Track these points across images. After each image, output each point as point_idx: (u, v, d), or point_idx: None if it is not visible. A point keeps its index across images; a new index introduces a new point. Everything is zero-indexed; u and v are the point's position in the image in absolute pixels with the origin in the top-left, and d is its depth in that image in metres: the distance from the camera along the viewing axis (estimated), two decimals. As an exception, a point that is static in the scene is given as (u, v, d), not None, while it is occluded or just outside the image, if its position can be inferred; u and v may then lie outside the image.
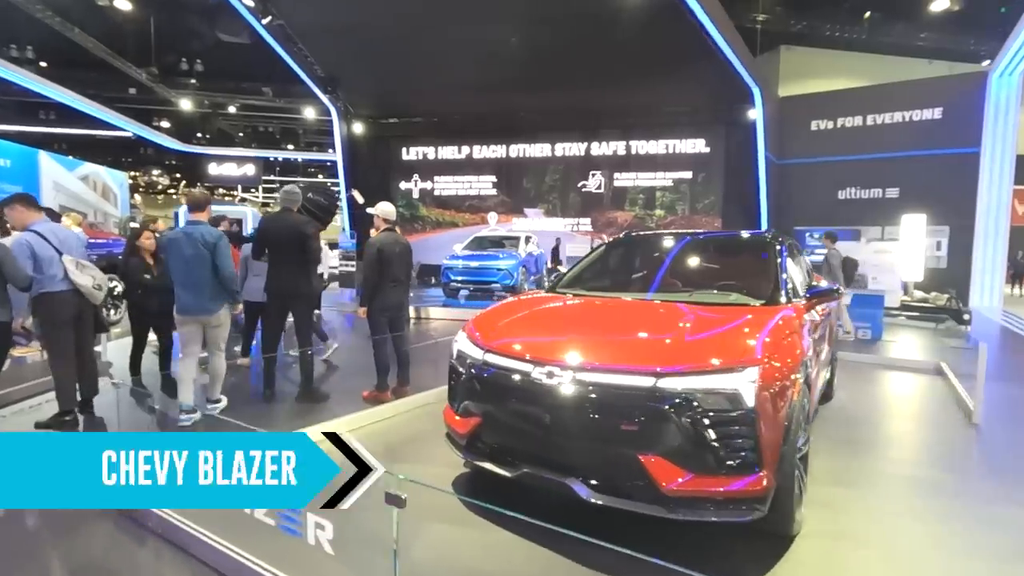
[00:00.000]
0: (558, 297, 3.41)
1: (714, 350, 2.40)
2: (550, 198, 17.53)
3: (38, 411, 4.42)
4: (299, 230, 4.50)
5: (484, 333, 2.88)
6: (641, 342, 2.54)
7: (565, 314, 3.08)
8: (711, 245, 3.99)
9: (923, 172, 13.88)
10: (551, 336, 2.75)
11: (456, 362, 2.96)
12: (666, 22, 11.86)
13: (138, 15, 16.77)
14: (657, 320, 2.81)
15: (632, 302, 3.13)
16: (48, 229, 3.88)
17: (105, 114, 19.32)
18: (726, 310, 2.91)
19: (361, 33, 13.04)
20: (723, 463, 2.19)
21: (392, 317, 4.73)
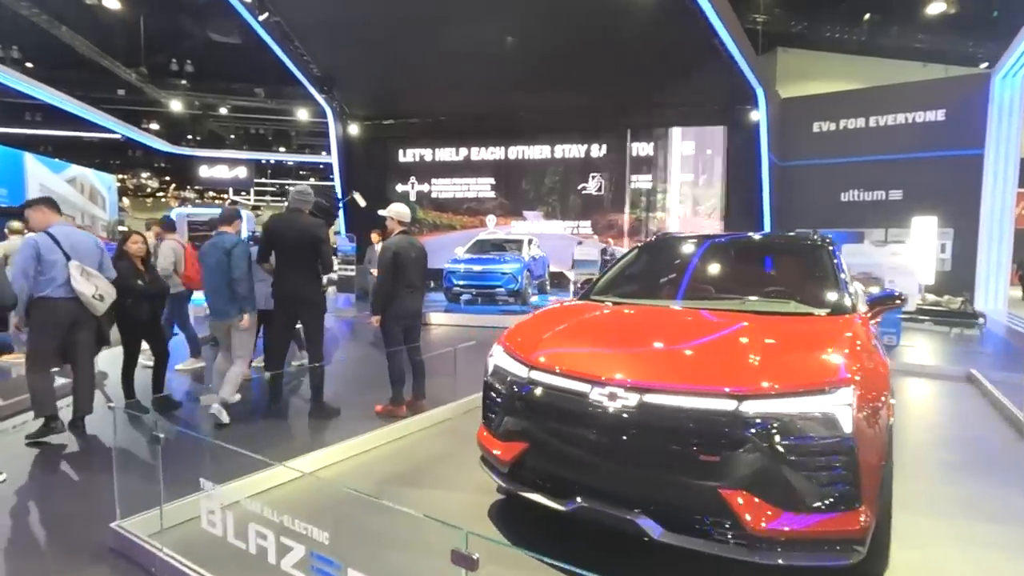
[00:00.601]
0: (596, 305, 3.13)
1: (799, 368, 2.13)
2: (550, 200, 17.28)
3: (24, 430, 4.07)
4: (311, 233, 4.21)
5: (526, 347, 2.59)
6: (713, 359, 2.27)
7: (615, 325, 2.79)
8: (755, 248, 3.72)
9: (927, 174, 13.82)
10: (607, 351, 2.47)
11: (493, 379, 2.67)
12: (669, 22, 11.69)
13: (127, 14, 16.37)
14: (721, 333, 2.53)
15: (685, 311, 2.85)
16: (63, 232, 3.82)
17: (93, 115, 18.86)
18: (791, 321, 2.65)
19: (357, 32, 12.76)
20: (818, 498, 1.91)
21: (407, 326, 4.43)
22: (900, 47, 18.11)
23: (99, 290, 3.79)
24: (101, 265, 3.95)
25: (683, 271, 3.52)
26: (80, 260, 3.77)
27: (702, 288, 3.31)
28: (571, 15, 12.25)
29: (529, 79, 13.98)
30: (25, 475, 3.31)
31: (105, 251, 4.06)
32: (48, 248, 3.69)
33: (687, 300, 3.11)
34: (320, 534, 1.67)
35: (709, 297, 3.16)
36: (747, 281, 3.36)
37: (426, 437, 3.97)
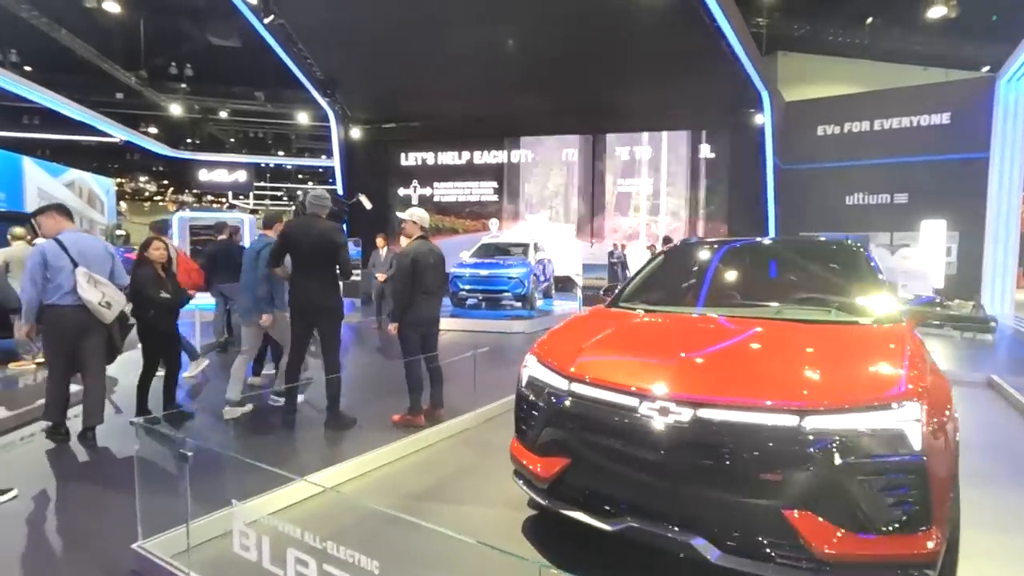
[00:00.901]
0: (628, 314, 3.03)
1: (862, 382, 2.04)
2: (553, 204, 17.21)
3: (32, 442, 3.96)
4: (329, 238, 4.11)
5: (564, 358, 2.49)
6: (769, 371, 2.17)
7: (656, 335, 2.69)
8: (785, 253, 3.63)
9: (932, 177, 13.80)
10: (652, 362, 2.36)
11: (527, 391, 2.57)
12: (676, 24, 11.65)
13: (127, 18, 16.27)
14: (771, 343, 2.44)
15: (724, 319, 2.75)
16: (72, 239, 3.76)
17: (92, 119, 18.72)
18: (839, 330, 2.56)
19: (360, 35, 12.69)
20: (887, 519, 1.82)
21: (424, 333, 4.32)
22: (900, 51, 18.12)
23: (106, 297, 3.72)
24: (112, 272, 3.88)
25: (713, 277, 3.43)
26: (89, 267, 3.71)
27: (734, 295, 3.22)
28: (574, 18, 12.20)
29: (531, 82, 13.93)
30: (37, 491, 3.19)
31: (116, 257, 3.99)
32: (55, 255, 3.65)
33: (720, 307, 3.02)
34: (369, 563, 1.56)
35: (742, 304, 3.07)
36: (780, 288, 3.27)
37: (448, 448, 3.85)
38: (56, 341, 3.74)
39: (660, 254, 3.86)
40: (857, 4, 17.34)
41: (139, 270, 4.24)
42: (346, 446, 3.79)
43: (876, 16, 17.74)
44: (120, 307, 3.83)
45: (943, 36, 17.45)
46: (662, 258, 3.77)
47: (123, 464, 3.52)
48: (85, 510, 2.97)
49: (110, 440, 3.87)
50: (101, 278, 3.74)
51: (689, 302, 3.21)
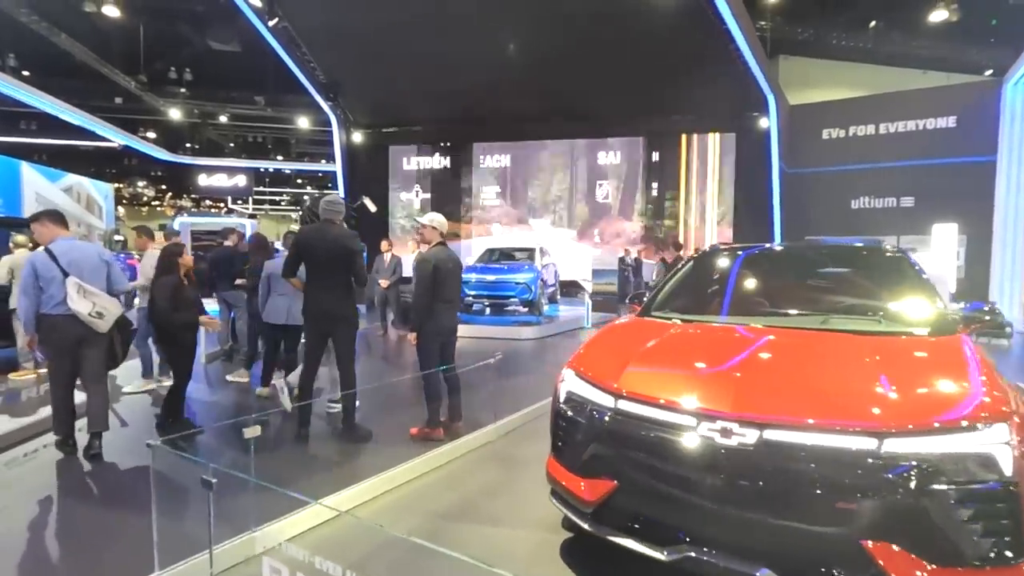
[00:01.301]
0: (665, 324, 2.88)
1: (943, 401, 1.89)
2: (556, 208, 17.09)
3: (35, 458, 3.79)
4: (344, 244, 3.95)
5: (606, 373, 2.34)
6: (838, 389, 2.02)
7: (703, 348, 2.54)
8: (823, 259, 3.48)
9: (938, 181, 13.71)
10: (707, 378, 2.22)
11: (566, 407, 2.42)
12: (680, 26, 11.56)
13: (126, 22, 16.15)
14: (829, 356, 2.29)
15: (769, 331, 2.60)
16: (62, 248, 3.66)
17: (90, 123, 18.57)
18: (895, 342, 2.41)
19: (363, 39, 12.57)
20: (976, 550, 1.67)
21: (444, 342, 4.17)
22: (902, 55, 18.10)
23: (96, 307, 3.60)
24: (110, 278, 3.79)
25: (748, 285, 3.29)
26: (81, 276, 3.60)
27: (773, 304, 3.08)
28: (577, 21, 12.09)
29: (534, 85, 13.82)
30: (41, 513, 3.03)
31: (113, 263, 3.87)
32: (45, 266, 3.57)
33: (760, 316, 2.88)
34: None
35: (783, 313, 2.93)
36: (820, 295, 3.13)
37: (470, 464, 3.69)
38: (54, 351, 3.68)
39: (689, 260, 3.72)
40: (859, 8, 17.33)
41: (164, 278, 4.06)
42: (365, 462, 3.62)
43: (878, 20, 17.73)
44: (114, 316, 3.71)
45: (945, 40, 17.44)
46: (691, 265, 3.62)
47: (133, 482, 3.36)
48: (95, 536, 2.80)
49: (118, 455, 3.71)
50: (92, 288, 3.63)
51: (728, 311, 3.06)
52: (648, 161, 16.32)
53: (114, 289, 3.80)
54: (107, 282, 3.76)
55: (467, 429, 4.16)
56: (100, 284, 3.70)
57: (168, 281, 4.07)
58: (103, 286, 3.72)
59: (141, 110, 22.62)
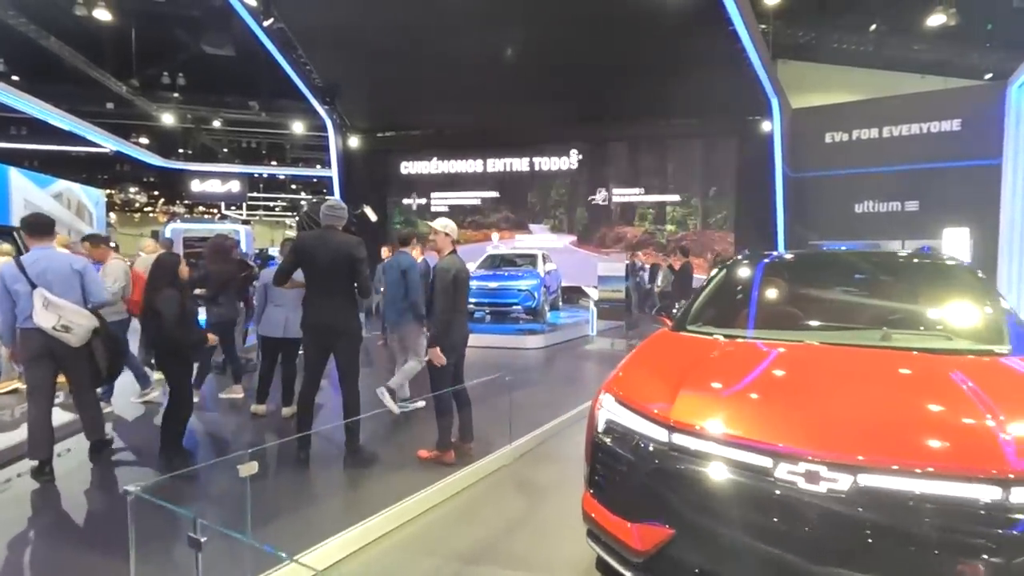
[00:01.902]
0: (711, 342, 2.58)
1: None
2: (556, 213, 16.84)
3: (6, 489, 3.46)
4: (347, 252, 3.66)
5: (653, 399, 2.06)
6: (940, 423, 1.74)
7: (764, 369, 2.26)
8: (873, 268, 3.19)
9: (943, 184, 13.59)
10: (777, 408, 1.93)
11: (606, 439, 2.13)
12: (687, 28, 11.36)
13: (118, 26, 15.85)
14: (914, 380, 2.01)
15: (836, 349, 2.33)
16: (33, 258, 3.53)
17: (82, 128, 18.21)
18: (979, 364, 2.14)
19: (360, 42, 12.31)
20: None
21: (458, 355, 3.89)
22: (900, 59, 18.01)
23: (62, 320, 3.42)
24: (85, 290, 3.61)
25: (791, 296, 3.01)
26: (50, 287, 3.44)
27: (822, 317, 2.80)
28: (577, 24, 11.87)
29: (533, 89, 13.59)
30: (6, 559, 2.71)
31: (87, 273, 3.67)
32: (12, 277, 3.45)
33: (811, 331, 2.60)
34: None
35: (835, 328, 2.65)
36: (873, 308, 2.86)
37: (487, 492, 3.39)
38: (27, 365, 3.56)
39: (721, 269, 3.43)
40: (858, 12, 17.23)
41: (169, 292, 3.68)
42: (373, 491, 3.32)
43: (878, 24, 17.64)
44: (86, 328, 3.52)
45: (944, 44, 17.37)
46: (725, 274, 3.34)
47: (113, 518, 3.04)
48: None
49: (99, 483, 3.39)
50: (60, 300, 3.45)
51: (777, 326, 2.78)
52: (648, 165, 16.10)
53: (91, 301, 3.62)
54: (82, 293, 3.57)
55: (479, 450, 3.86)
56: (74, 296, 3.52)
57: (174, 295, 3.73)
58: (77, 298, 3.53)
59: (133, 115, 22.30)
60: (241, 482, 2.15)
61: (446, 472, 3.48)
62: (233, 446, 4.13)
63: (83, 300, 3.56)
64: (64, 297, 3.45)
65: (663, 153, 15.98)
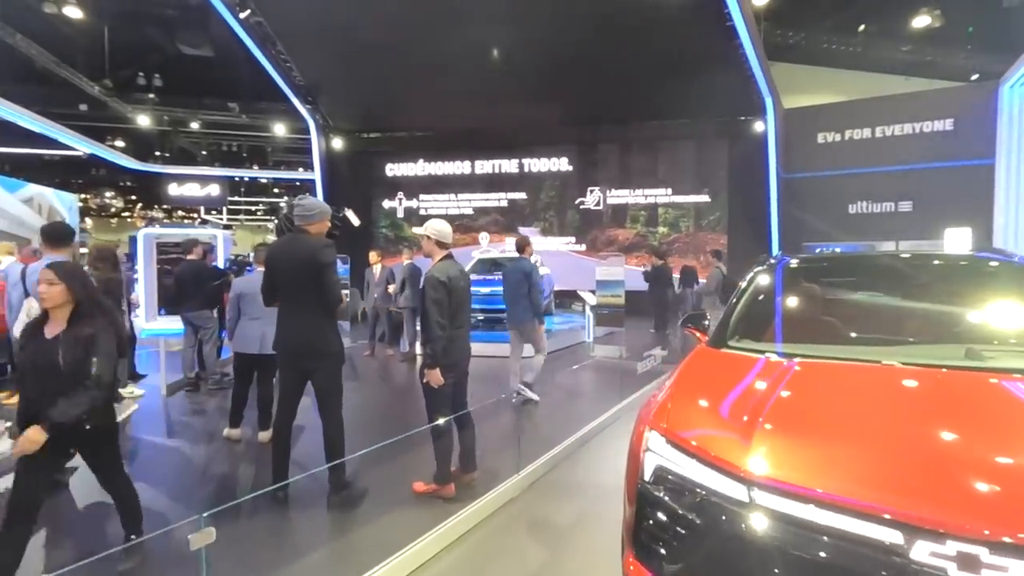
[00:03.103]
0: (773, 364, 2.15)
1: None
2: (546, 216, 16.47)
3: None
4: (313, 258, 3.11)
5: (719, 442, 1.64)
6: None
7: (858, 403, 1.82)
8: (935, 274, 2.79)
9: (937, 185, 13.52)
10: (898, 460, 1.50)
11: (658, 489, 1.70)
12: (679, 25, 11.06)
13: (90, 25, 15.19)
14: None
15: (937, 376, 1.92)
16: (34, 268, 3.59)
17: (52, 130, 17.45)
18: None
19: (343, 39, 11.81)
20: None
21: (459, 375, 3.42)
22: (887, 60, 17.99)
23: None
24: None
25: (850, 305, 2.62)
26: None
27: (893, 331, 2.41)
28: (568, 23, 11.50)
29: (523, 89, 13.22)
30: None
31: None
32: (12, 283, 3.76)
33: (887, 349, 2.20)
34: None
35: (909, 343, 2.27)
36: (945, 319, 2.47)
37: (495, 537, 2.93)
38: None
39: (756, 274, 3.03)
40: (845, 14, 17.16)
41: (30, 343, 2.44)
42: (363, 538, 2.84)
43: (867, 25, 17.60)
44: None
45: (931, 45, 17.37)
46: (764, 278, 2.92)
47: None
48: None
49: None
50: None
51: (835, 339, 2.38)
52: (640, 166, 15.82)
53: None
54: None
55: (482, 480, 3.41)
56: None
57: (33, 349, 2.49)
58: None
59: (107, 117, 21.52)
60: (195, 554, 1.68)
61: (446, 511, 3.03)
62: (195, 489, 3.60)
63: None
64: None
65: (654, 154, 15.74)
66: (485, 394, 4.35)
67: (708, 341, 2.58)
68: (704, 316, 2.98)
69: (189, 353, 6.17)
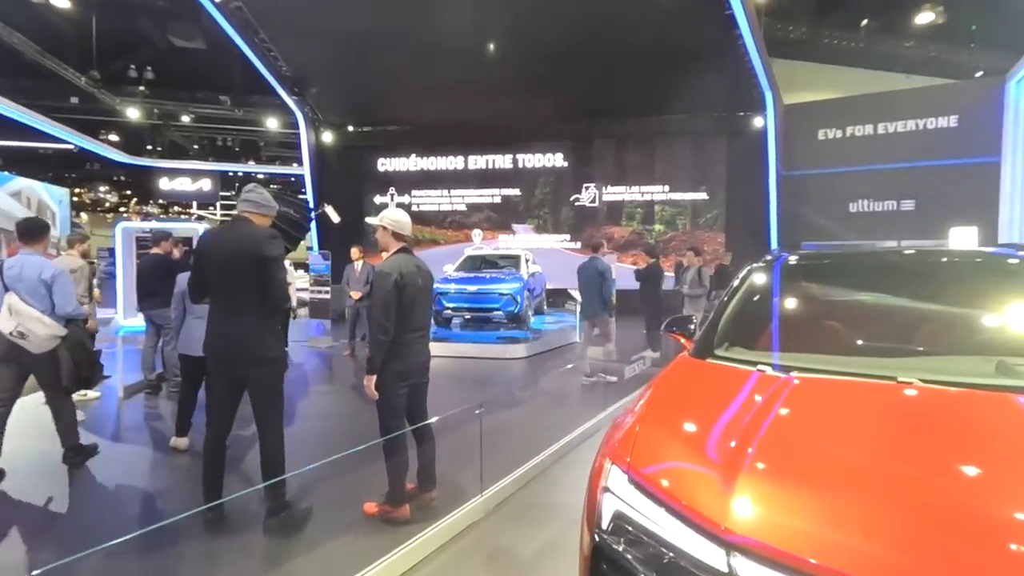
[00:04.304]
0: (764, 378, 1.80)
1: None
2: (540, 213, 16.11)
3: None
4: (255, 250, 2.73)
5: (694, 484, 1.28)
6: None
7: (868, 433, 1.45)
8: (956, 273, 2.40)
9: (940, 183, 13.20)
10: (921, 520, 1.14)
11: (613, 542, 1.34)
12: (677, 16, 10.70)
13: (78, 16, 14.85)
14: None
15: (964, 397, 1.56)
16: (14, 263, 3.59)
17: (41, 123, 17.07)
18: None
19: (331, 28, 11.41)
20: None
21: (414, 384, 3.05)
22: (890, 57, 17.65)
23: (19, 327, 3.46)
24: (52, 300, 3.59)
25: (856, 309, 2.26)
26: (21, 292, 3.51)
27: (908, 340, 2.06)
28: (564, 14, 11.11)
29: (517, 84, 12.84)
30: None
31: (57, 283, 3.60)
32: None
33: (901, 361, 1.85)
34: None
35: (927, 354, 1.91)
36: (969, 327, 2.11)
37: (456, 565, 2.57)
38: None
39: (748, 273, 2.66)
40: (846, 10, 16.83)
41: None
42: (299, 567, 2.48)
43: (869, 20, 17.27)
44: (42, 337, 3.50)
45: (933, 42, 17.04)
46: (758, 277, 2.55)
47: None
48: None
49: None
50: (23, 306, 3.49)
51: (841, 349, 2.01)
52: (636, 162, 15.46)
53: (56, 312, 3.58)
54: (51, 304, 3.58)
55: (443, 499, 3.05)
56: (42, 304, 3.55)
57: None
58: (46, 307, 3.56)
59: (98, 111, 21.15)
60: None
61: (399, 536, 2.67)
62: (112, 510, 3.23)
63: (51, 309, 3.56)
64: (32, 304, 3.50)
65: (651, 150, 15.40)
66: (464, 399, 3.99)
67: (691, 350, 2.22)
68: (690, 320, 2.61)
69: (149, 353, 5.81)
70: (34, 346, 3.50)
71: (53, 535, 2.94)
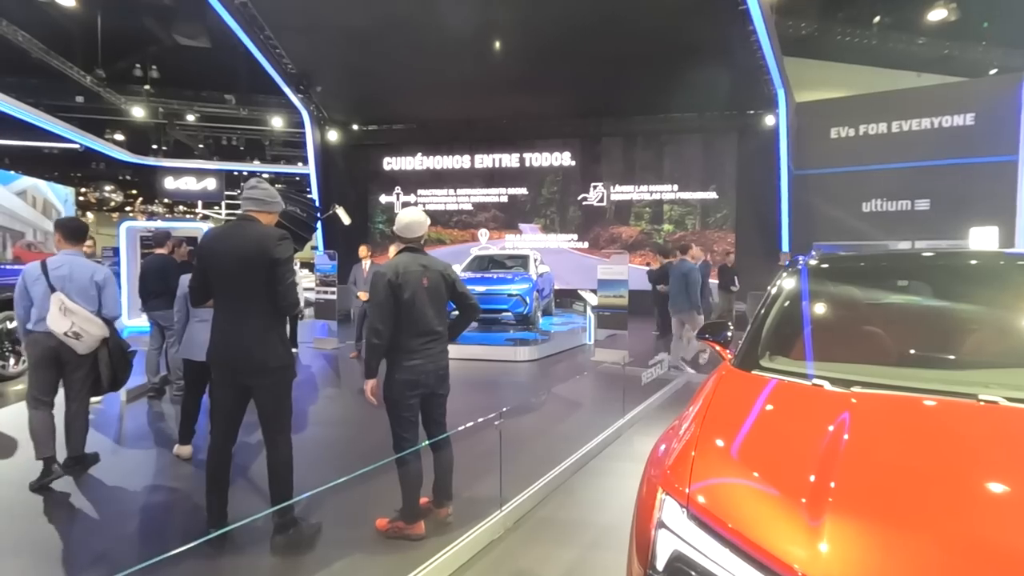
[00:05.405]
0: (829, 395, 1.61)
1: None
2: (547, 212, 15.94)
3: None
4: (264, 251, 2.56)
5: (771, 523, 1.11)
6: None
7: (952, 463, 1.29)
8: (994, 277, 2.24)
9: (956, 182, 12.98)
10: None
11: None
12: (686, 11, 10.51)
13: (84, 14, 14.78)
14: None
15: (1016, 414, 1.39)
16: (59, 262, 3.56)
17: (46, 122, 17.01)
18: None
19: (337, 26, 11.29)
20: None
21: (426, 395, 2.87)
22: (902, 54, 17.39)
23: (75, 327, 3.45)
24: (101, 303, 3.61)
25: (911, 316, 2.08)
26: (70, 293, 3.48)
27: (964, 350, 1.88)
28: (572, 11, 10.92)
29: (525, 82, 12.67)
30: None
31: (107, 286, 3.64)
32: (33, 279, 3.52)
33: (966, 374, 1.67)
34: None
35: (993, 367, 1.73)
36: (1014, 333, 1.93)
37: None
38: (34, 367, 3.56)
39: (783, 275, 2.47)
40: (857, 7, 16.59)
41: None
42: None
43: (881, 17, 17.03)
44: (95, 338, 3.53)
45: (946, 39, 16.78)
46: (802, 281, 2.37)
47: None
48: None
49: None
50: (75, 306, 3.47)
51: (901, 360, 1.84)
52: (644, 161, 15.26)
53: (103, 315, 3.61)
54: (98, 306, 3.60)
55: (459, 517, 2.88)
56: (90, 305, 3.56)
57: None
58: (93, 308, 3.57)
59: (103, 110, 21.13)
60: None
61: (413, 556, 2.50)
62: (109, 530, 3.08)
63: (98, 310, 3.58)
64: (80, 306, 3.49)
65: (660, 149, 15.19)
66: (475, 404, 3.81)
67: (735, 360, 2.04)
68: (725, 326, 2.44)
69: (153, 356, 5.68)
70: (84, 346, 3.50)
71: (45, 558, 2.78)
